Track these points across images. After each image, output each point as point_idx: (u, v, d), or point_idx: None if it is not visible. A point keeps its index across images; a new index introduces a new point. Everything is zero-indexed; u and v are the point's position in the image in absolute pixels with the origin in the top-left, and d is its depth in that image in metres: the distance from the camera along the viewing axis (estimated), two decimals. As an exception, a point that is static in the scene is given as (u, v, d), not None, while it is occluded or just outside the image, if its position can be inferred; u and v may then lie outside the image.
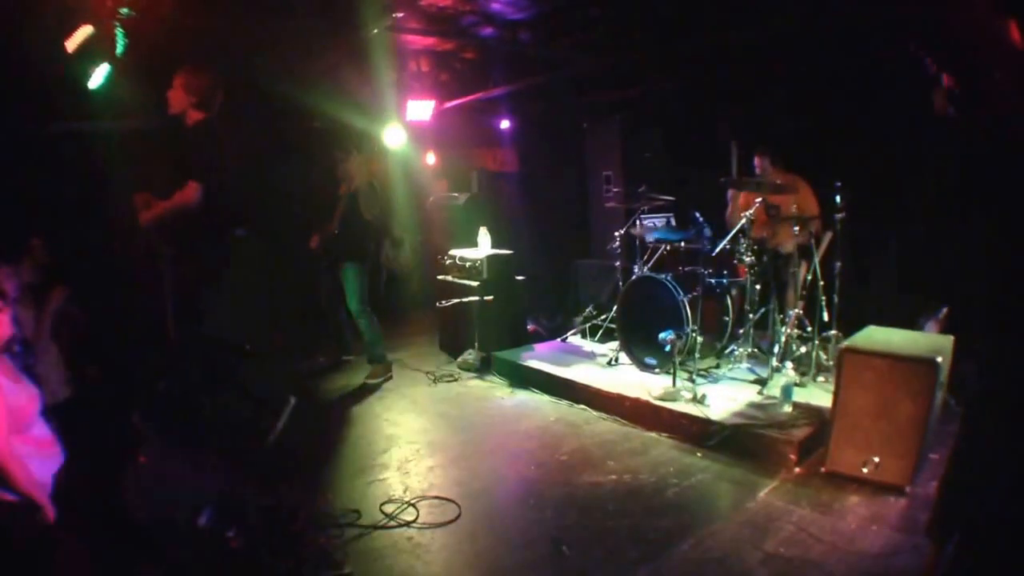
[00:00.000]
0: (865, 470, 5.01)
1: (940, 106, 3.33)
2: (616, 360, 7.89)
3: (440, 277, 9.33)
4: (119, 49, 6.52)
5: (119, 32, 6.43)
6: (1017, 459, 3.09)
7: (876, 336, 5.48)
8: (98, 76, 6.61)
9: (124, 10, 6.29)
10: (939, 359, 4.77)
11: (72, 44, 6.29)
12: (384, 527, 4.72)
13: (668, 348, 6.66)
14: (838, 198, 6.73)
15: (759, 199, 7.24)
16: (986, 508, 3.09)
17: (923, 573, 3.53)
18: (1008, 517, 2.95)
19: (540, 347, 8.86)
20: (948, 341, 5.24)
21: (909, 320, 6.10)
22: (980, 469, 3.18)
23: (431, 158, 12.58)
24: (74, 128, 7.56)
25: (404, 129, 10.12)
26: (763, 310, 7.30)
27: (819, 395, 6.35)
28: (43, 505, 3.72)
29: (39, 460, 3.89)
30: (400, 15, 7.60)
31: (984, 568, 2.99)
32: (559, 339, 9.16)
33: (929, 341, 5.35)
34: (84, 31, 6.24)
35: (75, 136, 7.57)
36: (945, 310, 6.27)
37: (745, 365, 7.29)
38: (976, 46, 3.04)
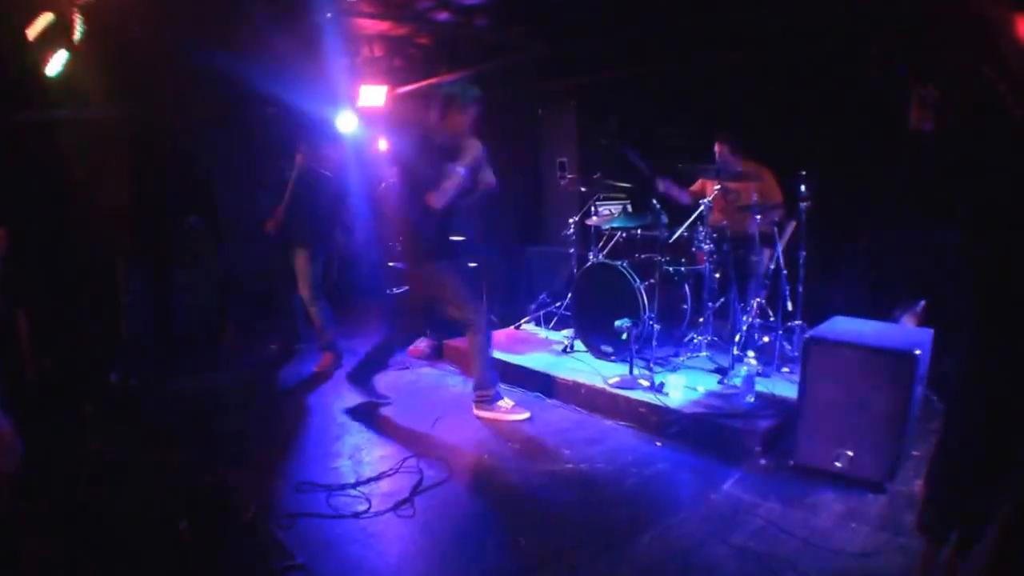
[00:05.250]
0: (838, 464, 4.85)
1: (916, 119, 3.27)
2: (571, 347, 7.74)
3: (391, 264, 9.19)
4: (77, 35, 6.41)
5: (78, 19, 6.33)
6: (1008, 455, 3.05)
7: (844, 327, 5.34)
8: (56, 63, 6.48)
9: None
10: (917, 352, 4.64)
11: (33, 32, 6.18)
12: (336, 517, 4.61)
13: (624, 336, 6.60)
14: (803, 187, 6.64)
15: (718, 186, 7.19)
16: (984, 506, 3.05)
17: (918, 572, 3.46)
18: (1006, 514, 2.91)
19: (493, 335, 8.71)
20: (927, 335, 5.09)
21: (881, 313, 6.05)
22: (973, 465, 3.13)
23: (383, 144, 12.45)
24: (34, 118, 7.41)
25: (356, 115, 9.99)
26: (723, 299, 7.21)
27: (783, 386, 6.24)
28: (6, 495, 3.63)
29: None
30: (353, -1, 7.50)
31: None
32: (512, 327, 9.01)
33: (905, 334, 5.23)
34: (45, 18, 6.14)
35: (35, 126, 7.41)
36: (923, 303, 6.23)
37: (705, 354, 7.17)
38: (974, 45, 2.97)
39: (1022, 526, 2.86)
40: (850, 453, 4.83)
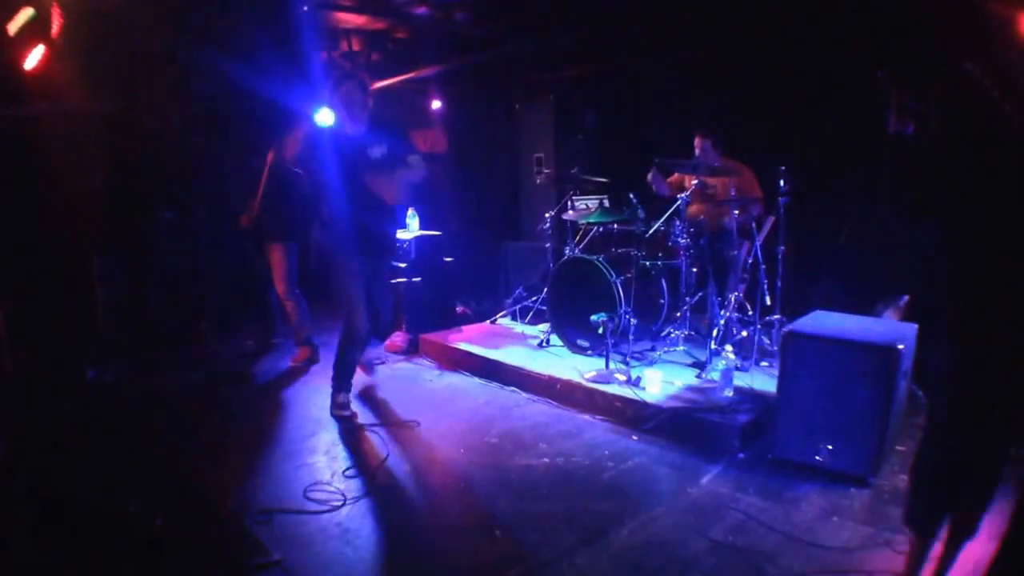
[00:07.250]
0: (818, 458, 4.83)
1: (895, 123, 3.27)
2: (547, 342, 7.71)
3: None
4: (55, 29, 6.38)
5: (57, 13, 6.30)
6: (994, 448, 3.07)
7: (824, 321, 5.33)
8: (33, 58, 6.44)
9: None
10: (900, 346, 4.61)
11: (14, 27, 6.14)
12: (313, 512, 4.59)
13: (601, 330, 6.60)
14: (782, 182, 6.62)
15: (695, 181, 7.19)
16: (973, 500, 3.06)
17: (906, 567, 3.45)
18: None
19: (469, 329, 8.65)
20: (911, 330, 5.06)
21: (863, 308, 6.05)
22: (959, 458, 3.13)
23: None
24: (10, 112, 7.36)
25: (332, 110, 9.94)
26: (701, 293, 7.20)
27: (762, 380, 6.21)
28: None
29: None
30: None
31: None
32: (488, 321, 9.00)
33: (889, 328, 5.19)
34: (26, 13, 6.10)
35: (10, 120, 7.36)
36: (906, 298, 6.22)
37: (682, 348, 7.14)
38: (962, 42, 2.96)
39: None
40: (830, 447, 4.80)
